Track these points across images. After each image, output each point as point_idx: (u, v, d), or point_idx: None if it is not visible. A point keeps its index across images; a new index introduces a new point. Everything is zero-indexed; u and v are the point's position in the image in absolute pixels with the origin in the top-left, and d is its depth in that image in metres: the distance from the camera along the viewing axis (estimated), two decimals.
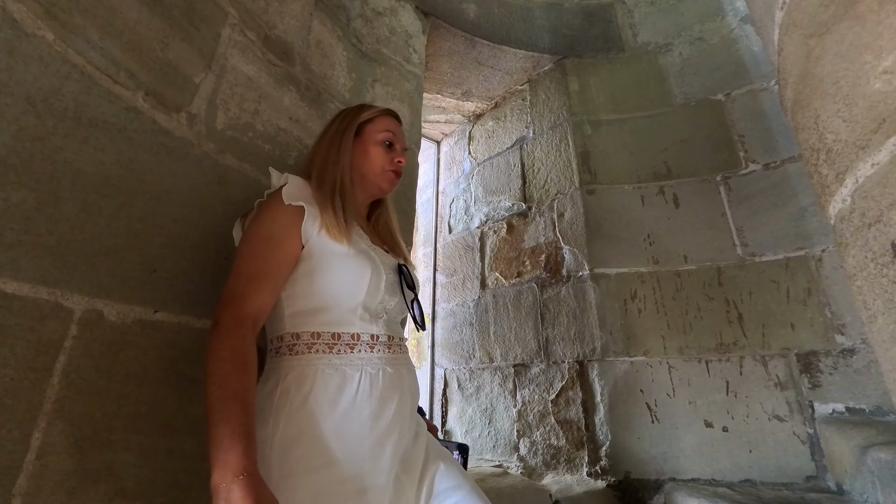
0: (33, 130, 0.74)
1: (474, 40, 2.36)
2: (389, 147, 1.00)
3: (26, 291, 0.71)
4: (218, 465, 0.61)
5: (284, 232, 0.81)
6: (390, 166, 0.99)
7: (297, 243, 0.82)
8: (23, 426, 0.69)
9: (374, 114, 1.02)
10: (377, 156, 0.98)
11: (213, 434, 0.63)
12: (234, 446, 0.62)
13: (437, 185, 2.97)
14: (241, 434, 0.63)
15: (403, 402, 0.83)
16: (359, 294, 0.82)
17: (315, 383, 0.75)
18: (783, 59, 0.64)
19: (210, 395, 0.66)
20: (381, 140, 0.99)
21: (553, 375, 2.02)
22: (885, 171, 0.45)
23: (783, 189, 1.85)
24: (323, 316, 0.81)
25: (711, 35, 2.27)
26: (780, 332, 1.71)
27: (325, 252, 0.82)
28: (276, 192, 0.84)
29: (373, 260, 0.85)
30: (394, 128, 1.03)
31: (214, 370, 0.68)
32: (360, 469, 0.73)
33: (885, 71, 0.45)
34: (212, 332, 0.71)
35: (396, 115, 1.08)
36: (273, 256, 0.79)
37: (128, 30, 0.92)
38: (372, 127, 1.01)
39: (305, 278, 0.82)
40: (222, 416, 0.64)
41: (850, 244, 0.53)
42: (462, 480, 0.85)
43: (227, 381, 0.67)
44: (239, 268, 0.78)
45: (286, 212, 0.81)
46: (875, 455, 1.29)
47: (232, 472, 0.60)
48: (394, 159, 1.00)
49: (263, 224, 0.81)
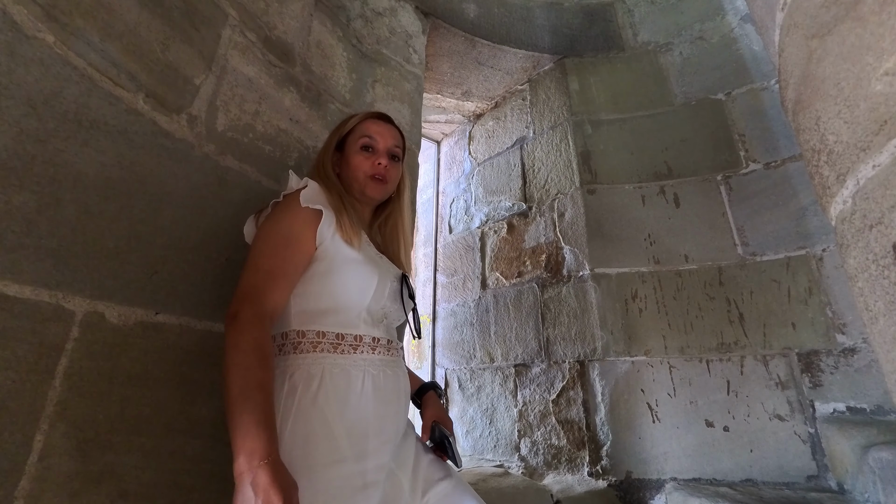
0: (34, 133, 0.74)
1: (474, 40, 2.35)
2: (371, 151, 1.00)
3: (28, 294, 0.71)
4: (243, 451, 0.62)
5: (301, 233, 0.83)
6: (371, 171, 0.98)
7: (312, 244, 0.84)
8: (25, 429, 0.69)
9: (354, 123, 1.03)
10: (358, 164, 0.98)
11: (238, 422, 0.64)
12: (260, 434, 0.63)
13: (438, 185, 2.97)
14: (265, 423, 0.65)
15: (400, 402, 0.88)
16: (365, 298, 0.86)
17: (323, 382, 0.77)
18: (784, 60, 0.64)
19: (233, 386, 0.67)
20: (360, 146, 0.99)
21: (554, 375, 2.02)
22: (886, 172, 0.45)
23: (784, 188, 1.85)
24: (330, 317, 0.84)
25: (712, 34, 2.27)
26: (781, 332, 1.71)
27: (338, 256, 0.85)
28: (295, 193, 0.87)
29: (379, 267, 0.89)
30: (373, 130, 1.01)
31: (237, 361, 0.69)
32: (364, 466, 0.75)
33: (887, 73, 0.45)
34: (231, 325, 0.72)
35: (382, 116, 1.06)
36: (290, 256, 0.81)
37: (128, 32, 0.92)
38: (351, 137, 1.02)
39: (316, 279, 0.85)
40: (246, 406, 0.65)
41: (852, 246, 0.53)
42: (448, 471, 0.92)
43: (250, 371, 0.68)
44: (257, 263, 0.79)
45: (304, 213, 0.84)
46: (876, 454, 1.29)
47: (258, 457, 0.62)
48: (374, 163, 0.98)
49: (282, 223, 0.83)
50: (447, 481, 0.89)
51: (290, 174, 0.94)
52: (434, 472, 0.90)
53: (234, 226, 1.07)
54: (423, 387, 1.07)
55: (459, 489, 0.89)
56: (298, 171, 1.31)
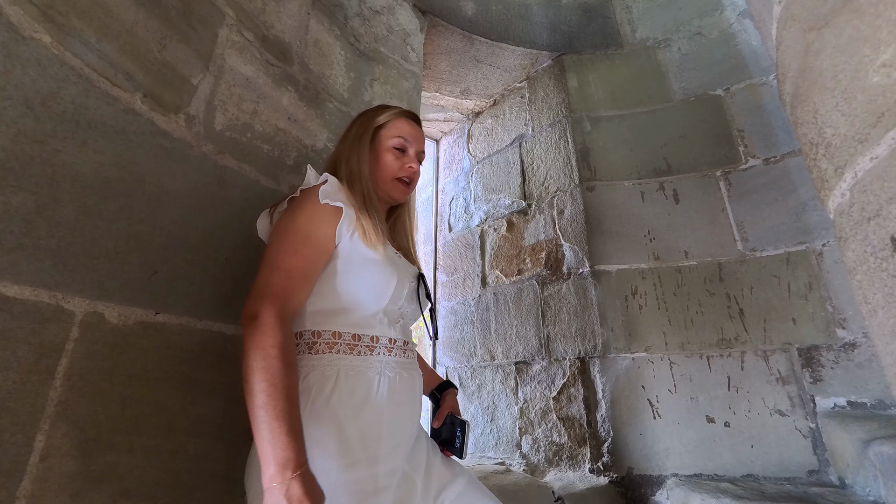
0: (32, 133, 0.74)
1: (472, 38, 2.35)
2: (402, 152, 0.98)
3: (27, 295, 0.71)
4: (275, 461, 0.62)
5: (322, 231, 0.81)
6: (400, 173, 0.97)
7: (331, 243, 0.82)
8: (26, 429, 0.69)
9: (389, 117, 1.00)
10: (387, 163, 0.96)
11: (266, 430, 0.63)
12: (290, 444, 0.63)
13: (437, 183, 2.97)
14: (295, 432, 0.65)
15: (414, 405, 0.87)
16: (383, 299, 0.83)
17: (337, 384, 0.76)
18: (782, 54, 0.64)
19: (259, 392, 0.65)
20: (392, 146, 0.97)
21: (554, 372, 2.02)
22: (884, 164, 0.45)
23: (783, 184, 1.85)
24: (346, 317, 0.82)
25: (710, 30, 2.26)
26: (781, 327, 1.71)
27: (356, 255, 0.83)
28: (313, 189, 0.84)
29: (398, 268, 0.87)
30: (408, 132, 1.00)
31: (263, 366, 0.67)
32: (376, 471, 0.74)
33: (884, 64, 0.45)
34: (253, 327, 0.70)
35: (414, 117, 1.05)
36: (312, 255, 0.79)
37: (125, 31, 0.92)
38: (385, 132, 0.99)
39: (333, 278, 0.82)
40: (277, 413, 0.64)
41: (850, 238, 0.53)
42: (460, 470, 0.92)
43: (278, 377, 0.67)
44: (277, 261, 0.77)
45: (324, 211, 0.82)
46: (877, 449, 1.29)
47: (291, 468, 0.62)
48: (405, 165, 0.97)
49: (301, 221, 0.81)
50: (460, 480, 0.88)
51: (307, 168, 0.92)
52: (446, 473, 0.89)
53: (233, 225, 1.07)
54: (444, 384, 1.08)
55: (473, 487, 0.89)
56: (297, 170, 1.31)
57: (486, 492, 0.91)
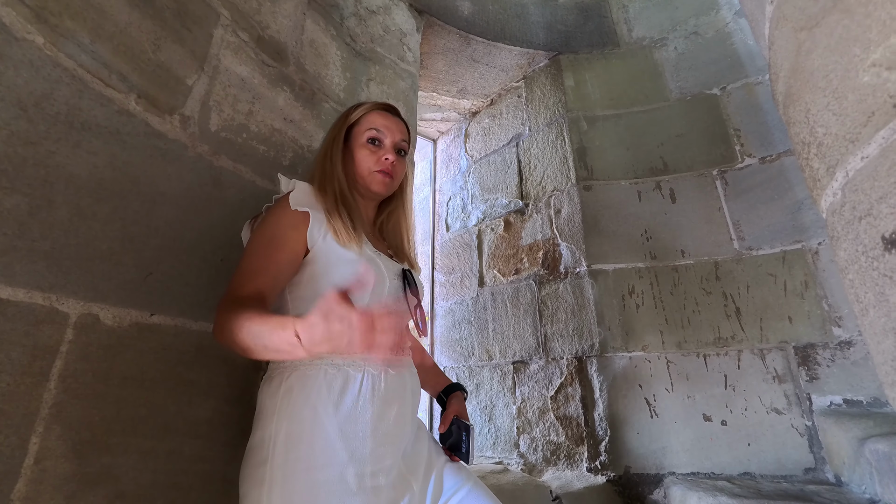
0: (25, 135, 0.74)
1: (469, 37, 2.35)
2: (377, 144, 0.98)
3: (21, 297, 0.71)
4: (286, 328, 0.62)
5: (287, 234, 0.82)
6: (376, 167, 0.96)
7: (300, 246, 0.83)
8: (20, 431, 0.69)
9: (361, 113, 1.00)
10: (362, 158, 0.96)
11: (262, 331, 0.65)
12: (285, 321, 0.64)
13: (434, 183, 2.97)
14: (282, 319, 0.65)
15: (405, 403, 0.85)
16: (362, 299, 0.82)
17: (318, 383, 0.76)
18: (774, 54, 0.64)
19: (245, 337, 0.66)
20: (365, 141, 0.97)
21: (552, 372, 2.02)
22: (874, 164, 0.45)
23: (779, 183, 1.85)
24: None
25: (706, 29, 2.27)
26: (777, 326, 1.72)
27: (332, 257, 0.83)
28: (284, 196, 0.86)
29: (377, 266, 0.86)
30: (381, 124, 0.99)
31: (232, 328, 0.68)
32: (362, 469, 0.73)
33: (874, 64, 0.45)
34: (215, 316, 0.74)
35: (389, 108, 1.04)
36: (273, 255, 0.80)
37: (119, 32, 0.91)
38: (358, 129, 0.99)
39: (311, 281, 0.83)
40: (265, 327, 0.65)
41: (842, 237, 0.53)
42: (466, 476, 0.89)
43: (245, 321, 0.67)
44: (241, 266, 0.80)
45: (291, 215, 0.83)
46: (873, 446, 1.29)
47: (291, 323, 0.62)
48: (380, 158, 0.96)
49: (268, 227, 0.83)
50: (465, 487, 0.86)
51: (279, 177, 0.93)
52: (450, 478, 0.87)
53: (228, 226, 1.07)
54: (451, 386, 1.07)
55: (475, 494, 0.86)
56: (293, 170, 1.31)
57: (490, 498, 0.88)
